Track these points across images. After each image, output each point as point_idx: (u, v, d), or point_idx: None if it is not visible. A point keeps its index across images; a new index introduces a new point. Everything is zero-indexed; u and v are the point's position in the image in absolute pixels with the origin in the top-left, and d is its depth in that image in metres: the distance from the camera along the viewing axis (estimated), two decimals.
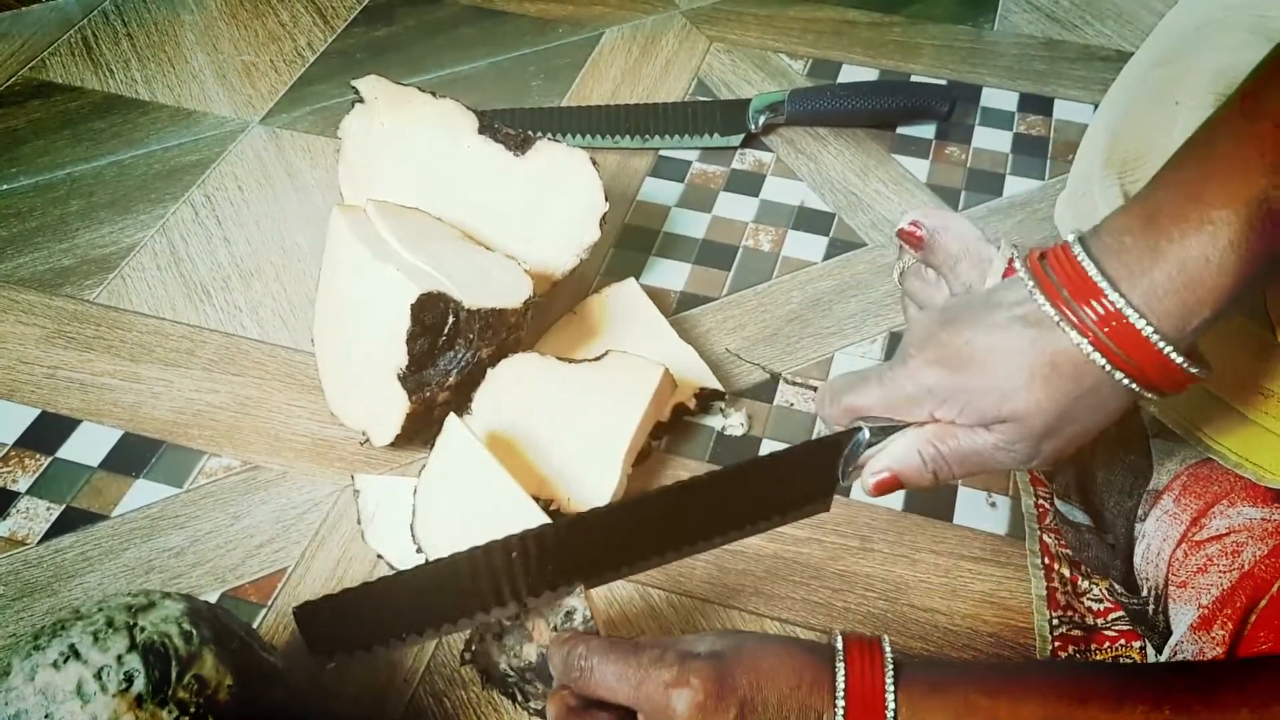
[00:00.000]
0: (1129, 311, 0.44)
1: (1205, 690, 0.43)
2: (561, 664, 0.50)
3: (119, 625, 0.49)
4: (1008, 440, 0.48)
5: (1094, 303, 0.44)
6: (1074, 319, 0.45)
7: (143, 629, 0.49)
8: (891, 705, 0.45)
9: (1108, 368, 0.45)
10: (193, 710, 0.48)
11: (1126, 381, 0.45)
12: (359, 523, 0.68)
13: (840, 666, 0.46)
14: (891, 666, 0.46)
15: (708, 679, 0.46)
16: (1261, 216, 0.42)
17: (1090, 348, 0.45)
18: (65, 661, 0.48)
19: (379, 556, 0.67)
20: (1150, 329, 0.43)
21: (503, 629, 0.53)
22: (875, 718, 0.45)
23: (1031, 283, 0.46)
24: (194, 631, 0.50)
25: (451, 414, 0.67)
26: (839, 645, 0.47)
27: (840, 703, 0.45)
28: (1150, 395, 0.46)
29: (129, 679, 0.48)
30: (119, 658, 0.48)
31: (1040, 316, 0.46)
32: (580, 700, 0.49)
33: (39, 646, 0.49)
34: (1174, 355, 0.44)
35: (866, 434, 0.52)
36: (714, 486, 0.52)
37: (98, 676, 0.47)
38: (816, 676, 0.46)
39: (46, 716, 0.47)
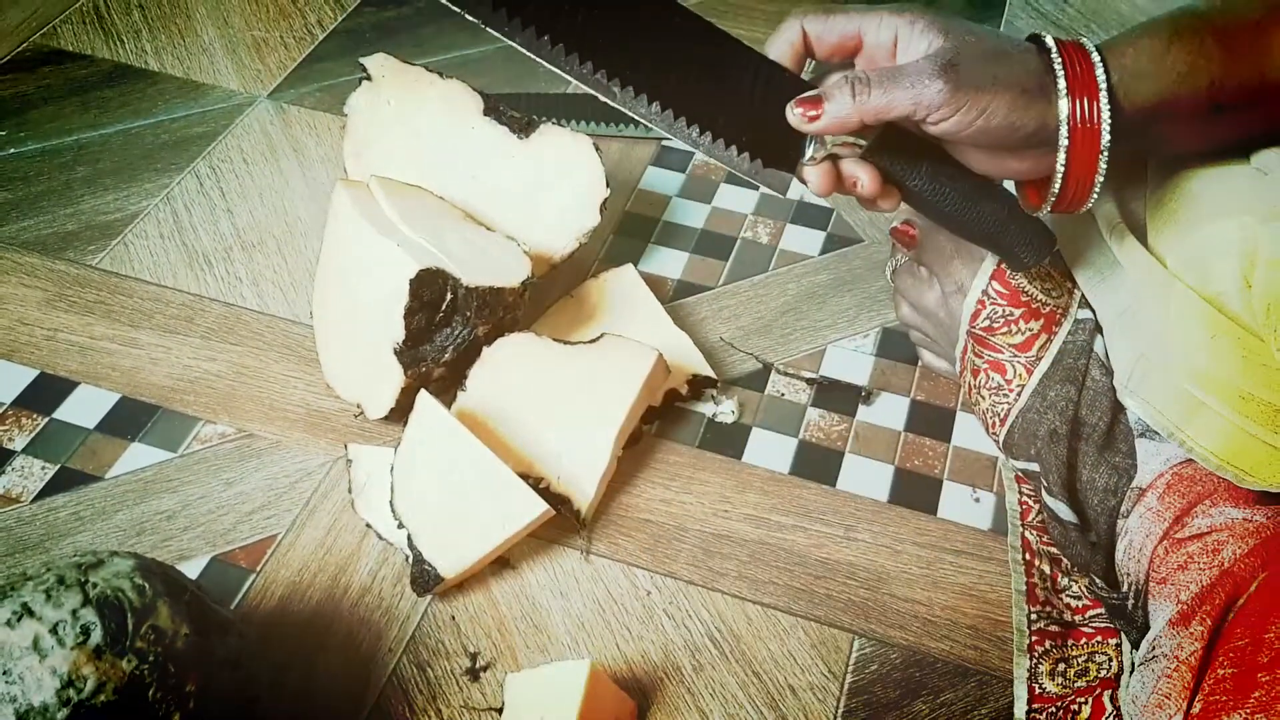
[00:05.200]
0: None
1: None
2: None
3: (70, 582, 0.49)
4: None
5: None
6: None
7: (95, 584, 0.50)
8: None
9: None
10: (152, 659, 0.49)
11: None
12: (350, 491, 0.69)
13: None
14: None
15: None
16: None
17: None
18: (19, 620, 0.48)
19: (368, 526, 0.67)
20: None
21: None
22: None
23: None
24: (146, 585, 0.50)
25: (423, 390, 0.68)
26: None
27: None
28: None
29: (86, 632, 0.48)
30: (74, 612, 0.48)
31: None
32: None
33: None
34: None
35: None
36: (713, 39, 0.56)
37: (54, 631, 0.47)
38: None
39: (4, 673, 0.47)
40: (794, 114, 0.55)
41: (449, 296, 0.69)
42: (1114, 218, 0.63)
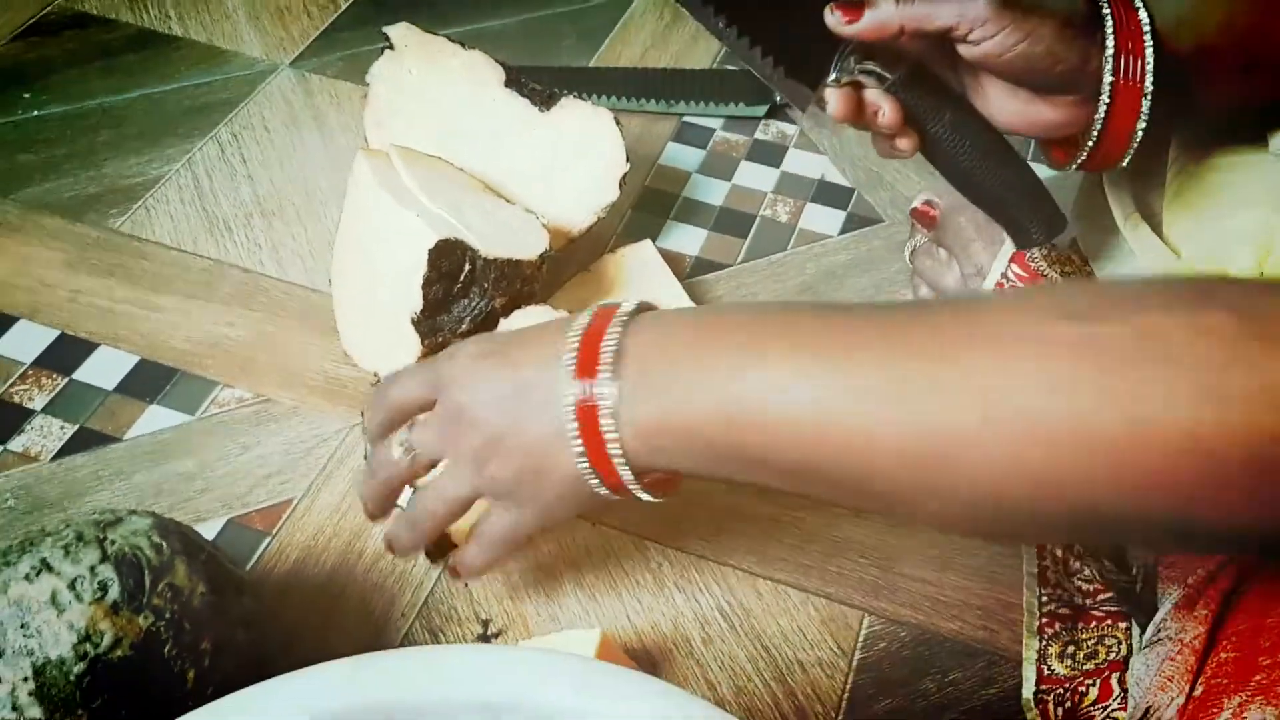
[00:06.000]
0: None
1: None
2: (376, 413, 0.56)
3: (89, 539, 0.50)
4: None
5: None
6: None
7: (113, 541, 0.50)
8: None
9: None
10: (169, 616, 0.49)
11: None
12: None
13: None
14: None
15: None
16: None
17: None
18: (38, 574, 0.48)
19: None
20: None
21: None
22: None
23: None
24: (164, 543, 0.51)
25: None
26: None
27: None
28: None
29: (103, 588, 0.48)
30: (92, 568, 0.49)
31: None
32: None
33: (9, 562, 0.49)
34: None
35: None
36: None
37: (71, 586, 0.48)
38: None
39: (23, 626, 0.47)
40: (832, 17, 0.54)
41: (467, 268, 0.69)
42: (1130, 208, 0.63)
